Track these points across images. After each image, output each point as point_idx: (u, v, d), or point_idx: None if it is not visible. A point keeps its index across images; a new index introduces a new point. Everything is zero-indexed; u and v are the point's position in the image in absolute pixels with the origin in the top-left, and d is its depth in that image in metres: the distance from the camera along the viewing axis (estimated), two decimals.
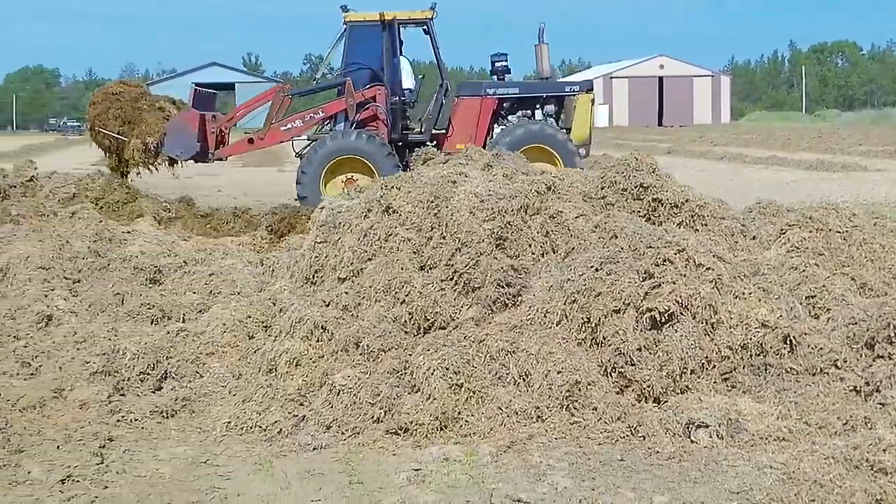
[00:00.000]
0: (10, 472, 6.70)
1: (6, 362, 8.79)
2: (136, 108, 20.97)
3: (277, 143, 21.47)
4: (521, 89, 21.28)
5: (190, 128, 20.41)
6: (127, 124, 20.79)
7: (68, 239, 12.67)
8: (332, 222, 9.66)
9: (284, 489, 6.61)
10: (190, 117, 20.57)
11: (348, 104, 20.45)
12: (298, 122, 21.08)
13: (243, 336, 9.20)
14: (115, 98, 21.21)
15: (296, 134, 21.17)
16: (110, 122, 20.86)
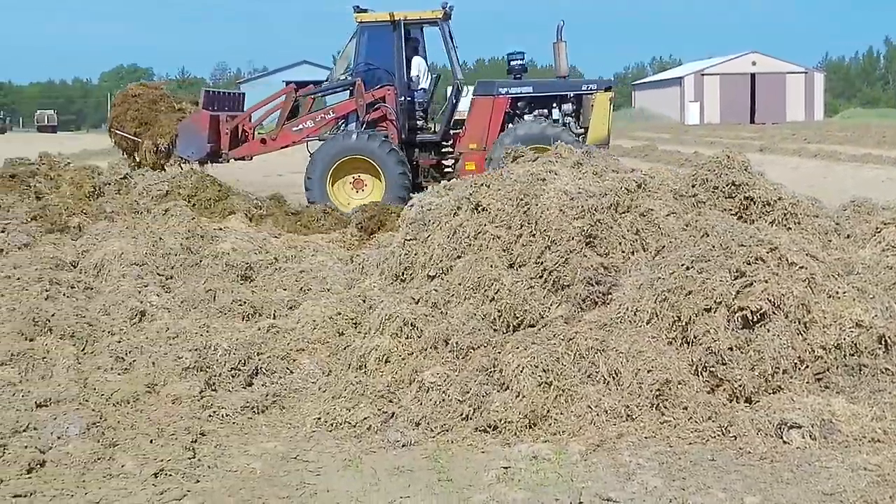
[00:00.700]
0: (105, 465, 6.79)
1: (101, 357, 8.91)
2: (154, 109, 21.67)
3: (290, 143, 21.74)
4: (535, 88, 21.23)
5: (200, 129, 20.93)
6: (143, 126, 21.49)
7: (161, 236, 12.81)
8: (421, 220, 9.67)
9: (373, 485, 6.63)
10: (200, 119, 21.05)
11: (358, 104, 20.71)
12: (310, 122, 21.46)
13: (333, 333, 9.25)
14: (133, 100, 21.97)
15: (307, 135, 21.48)
16: (128, 123, 21.62)
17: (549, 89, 21.42)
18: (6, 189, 15.77)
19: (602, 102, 20.41)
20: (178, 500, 6.36)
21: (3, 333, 8.85)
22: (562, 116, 21.04)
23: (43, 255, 11.59)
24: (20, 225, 13.64)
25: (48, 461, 6.77)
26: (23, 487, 6.40)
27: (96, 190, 16.48)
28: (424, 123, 21.57)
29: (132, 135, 21.65)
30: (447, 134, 21.41)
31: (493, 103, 20.74)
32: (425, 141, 21.30)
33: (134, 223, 14.14)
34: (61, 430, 7.11)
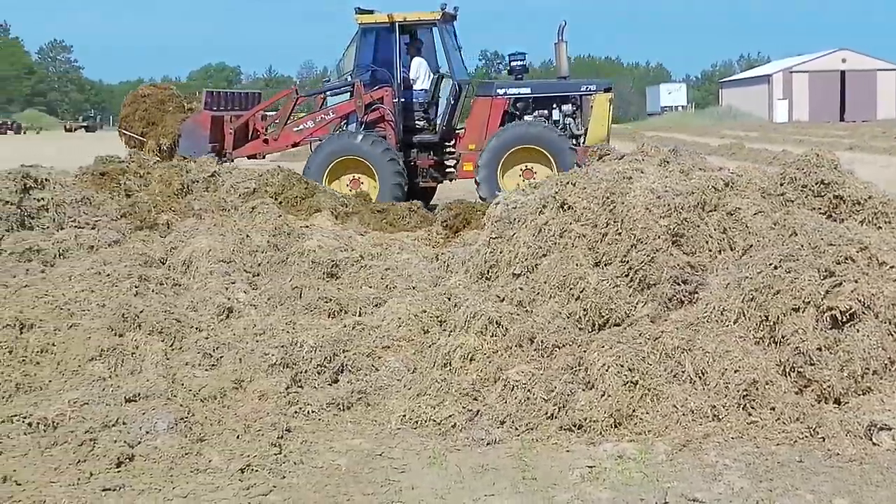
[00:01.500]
0: (192, 460, 6.86)
1: (188, 353, 9.01)
2: (161, 109, 22.23)
3: (291, 143, 22.19)
4: (533, 89, 21.37)
5: (201, 129, 21.41)
6: (150, 125, 22.06)
7: (248, 233, 12.90)
8: (507, 218, 9.66)
9: (458, 483, 6.63)
10: (201, 119, 21.54)
11: (357, 105, 20.97)
12: (310, 123, 21.90)
13: (418, 330, 9.26)
14: (142, 100, 22.57)
15: (308, 135, 21.75)
16: (135, 123, 22.25)
17: (548, 90, 21.65)
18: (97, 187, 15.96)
19: (601, 103, 20.51)
20: (264, 495, 6.42)
21: (94, 329, 8.97)
22: (562, 117, 21.19)
23: (132, 252, 11.73)
24: (110, 222, 13.82)
25: (137, 455, 6.86)
26: (112, 481, 6.49)
27: (185, 187, 16.63)
28: (426, 124, 21.71)
29: (139, 134, 22.18)
30: (448, 134, 21.59)
31: (492, 104, 21.02)
32: (424, 141, 21.52)
33: (222, 220, 14.25)
34: (150, 424, 7.20)
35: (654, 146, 10.40)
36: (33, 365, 8.68)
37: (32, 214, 13.08)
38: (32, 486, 6.42)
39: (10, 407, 7.94)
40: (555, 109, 21.29)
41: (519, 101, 21.23)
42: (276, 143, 22.00)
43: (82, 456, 6.83)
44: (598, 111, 20.44)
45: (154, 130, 22.18)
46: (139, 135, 22.21)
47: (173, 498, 6.36)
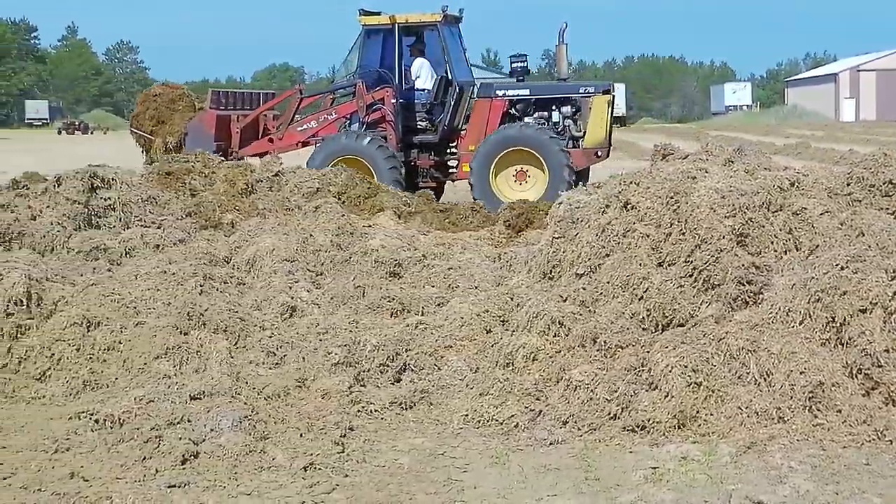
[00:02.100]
0: (256, 457, 6.91)
1: (252, 352, 9.07)
2: (171, 109, 22.62)
3: (295, 143, 22.35)
4: (532, 91, 21.52)
5: (206, 128, 21.82)
6: (160, 124, 22.49)
7: (312, 232, 12.96)
8: (569, 218, 9.63)
9: (520, 483, 6.63)
10: (207, 118, 21.94)
11: (359, 106, 21.28)
12: (313, 123, 22.20)
13: (480, 330, 9.26)
14: (154, 99, 23.05)
15: (311, 135, 22.01)
16: (145, 122, 22.73)
17: (546, 92, 21.88)
18: (162, 186, 16.11)
19: (599, 105, 20.60)
20: (327, 493, 6.44)
21: (159, 327, 9.06)
22: (561, 119, 21.29)
23: (197, 251, 11.83)
24: (176, 221, 13.93)
25: (202, 453, 6.91)
26: (177, 478, 6.55)
27: (249, 187, 16.74)
28: (428, 125, 21.80)
29: (148, 133, 22.61)
30: (451, 135, 21.67)
31: (491, 105, 21.15)
32: (424, 142, 21.66)
33: (285, 220, 14.34)
34: (214, 422, 7.25)
35: (718, 145, 10.33)
36: (100, 362, 8.79)
37: (99, 214, 13.22)
38: (99, 483, 6.50)
39: (78, 404, 8.05)
40: (554, 111, 21.44)
41: (518, 102, 21.40)
42: (281, 143, 22.27)
43: (148, 453, 6.89)
44: (596, 113, 20.55)
45: (162, 129, 22.60)
46: (148, 133, 22.65)
47: (237, 495, 6.40)
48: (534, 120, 21.17)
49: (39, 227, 12.39)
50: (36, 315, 9.20)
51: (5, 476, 6.62)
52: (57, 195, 12.99)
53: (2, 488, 6.40)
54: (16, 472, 6.69)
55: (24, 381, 8.62)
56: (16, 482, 6.50)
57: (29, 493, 6.30)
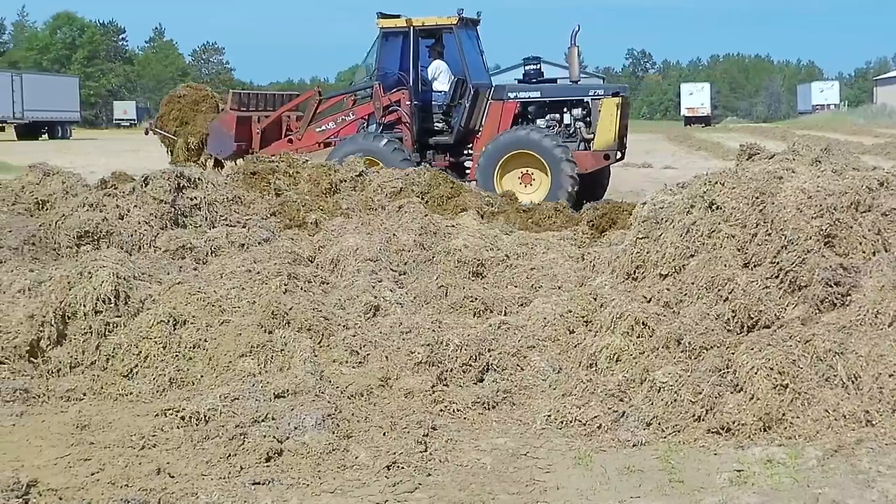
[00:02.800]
0: (339, 456, 6.94)
1: (336, 350, 9.11)
2: (195, 109, 22.99)
3: (313, 144, 22.52)
4: (543, 93, 21.67)
5: (226, 129, 22.18)
6: (183, 125, 22.90)
7: (395, 232, 13.00)
8: (654, 218, 9.57)
9: (603, 484, 6.60)
10: (227, 119, 22.30)
11: (375, 107, 21.59)
12: (332, 124, 22.59)
13: (564, 330, 9.23)
14: (178, 100, 23.44)
15: (330, 135, 22.33)
16: (169, 122, 23.16)
17: (557, 94, 22.04)
18: (247, 186, 16.24)
19: (609, 108, 20.67)
20: (409, 492, 6.46)
21: (244, 326, 9.12)
22: (572, 121, 21.46)
23: (281, 251, 11.89)
24: (260, 221, 14.03)
25: (285, 450, 6.96)
26: (261, 475, 6.60)
27: (333, 187, 16.82)
28: (444, 126, 21.99)
29: (171, 134, 23.03)
30: (467, 137, 21.85)
31: (503, 107, 21.38)
32: (440, 143, 21.85)
33: (369, 219, 14.39)
34: (298, 420, 7.29)
35: (805, 145, 10.21)
36: (186, 360, 8.88)
37: (186, 213, 13.35)
38: (185, 479, 6.57)
39: (164, 401, 8.14)
40: (565, 113, 21.63)
41: (529, 104, 21.64)
42: (300, 143, 22.51)
43: (233, 450, 6.95)
44: (605, 115, 20.66)
45: (185, 130, 22.99)
46: (172, 134, 23.07)
47: (321, 493, 6.44)
48: (545, 122, 21.43)
49: (127, 227, 12.54)
50: (123, 313, 9.31)
51: (94, 472, 6.71)
52: (144, 195, 13.13)
53: (90, 483, 6.48)
54: (104, 467, 6.78)
55: (112, 378, 8.74)
56: (104, 478, 6.58)
57: (116, 489, 6.38)
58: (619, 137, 20.89)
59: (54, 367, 8.88)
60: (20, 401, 8.27)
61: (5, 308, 9.40)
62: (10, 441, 7.43)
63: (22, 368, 8.75)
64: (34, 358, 8.92)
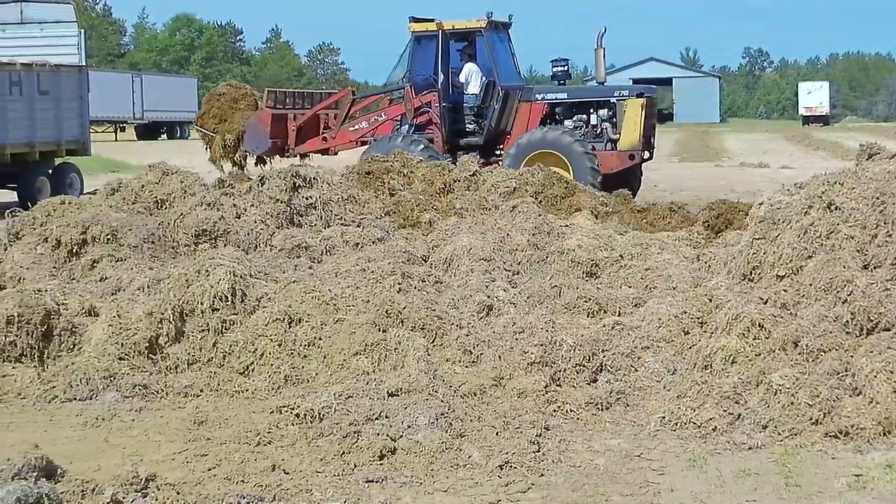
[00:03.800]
0: (452, 455, 6.95)
1: (449, 350, 9.13)
2: (233, 107, 23.46)
3: (346, 142, 23.21)
4: (569, 94, 22.30)
5: (262, 126, 22.69)
6: (222, 122, 23.36)
7: (509, 232, 12.99)
8: (771, 218, 9.46)
9: (718, 487, 6.53)
10: (263, 116, 22.79)
11: (407, 108, 22.16)
12: (364, 123, 23.21)
13: (678, 331, 9.15)
14: (217, 98, 24.03)
15: (363, 135, 22.89)
16: (209, 120, 23.70)
17: (582, 95, 22.88)
18: (362, 185, 16.33)
19: (634, 108, 21.03)
20: (522, 492, 6.46)
21: (359, 324, 9.19)
22: (599, 122, 21.77)
23: (396, 250, 11.95)
24: (375, 220, 14.12)
25: (399, 449, 7.00)
26: (374, 473, 6.64)
27: (447, 186, 16.86)
28: (476, 127, 22.35)
29: (211, 131, 23.49)
30: (497, 138, 22.18)
31: (531, 108, 21.87)
32: (470, 144, 22.13)
33: (482, 219, 14.40)
34: (411, 419, 7.32)
35: None
36: (301, 358, 8.98)
37: (301, 212, 13.48)
38: (300, 476, 6.63)
39: (280, 398, 8.23)
40: (592, 114, 21.92)
41: (556, 105, 22.11)
42: (334, 142, 23.19)
43: (347, 447, 7.01)
44: (630, 116, 21.01)
45: (223, 127, 23.44)
46: (211, 131, 23.55)
47: (434, 492, 6.46)
48: (573, 123, 21.81)
49: (244, 225, 12.70)
50: (240, 311, 9.44)
51: (210, 467, 6.81)
52: (261, 194, 13.29)
53: (207, 479, 6.58)
54: (220, 463, 6.88)
55: (229, 375, 8.88)
56: (220, 473, 6.68)
57: (232, 484, 6.47)
58: (646, 137, 21.34)
59: (172, 364, 9.05)
60: (139, 396, 8.45)
61: (125, 305, 9.59)
62: (129, 436, 7.59)
63: (141, 365, 8.93)
64: (153, 354, 9.09)
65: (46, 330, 9.14)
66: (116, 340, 9.08)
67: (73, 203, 13.05)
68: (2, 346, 8.96)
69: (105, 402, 8.35)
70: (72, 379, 8.64)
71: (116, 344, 9.05)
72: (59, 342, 9.17)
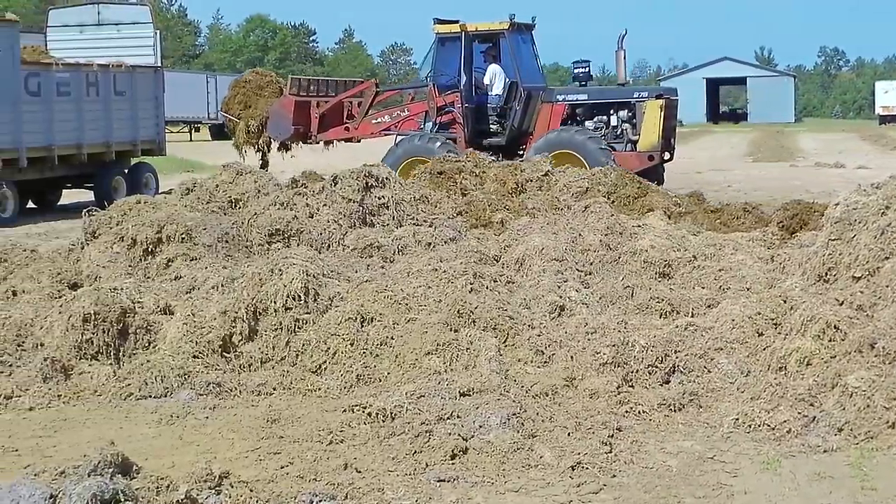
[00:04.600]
0: (524, 455, 6.95)
1: (521, 350, 9.13)
2: (258, 94, 24.11)
3: (368, 134, 23.93)
4: (590, 96, 22.75)
5: (285, 112, 23.31)
6: (246, 109, 24.00)
7: (581, 232, 12.96)
8: (846, 219, 9.35)
9: (793, 490, 6.47)
10: (286, 103, 23.41)
11: (429, 106, 22.72)
12: (387, 117, 23.89)
13: (752, 333, 9.07)
14: (243, 85, 24.71)
15: (384, 128, 23.64)
16: (234, 107, 24.34)
17: (603, 97, 23.20)
18: (434, 185, 16.38)
19: (652, 110, 21.46)
20: (594, 493, 6.44)
21: (430, 324, 9.21)
22: (619, 123, 22.14)
23: (468, 250, 11.96)
24: (447, 220, 14.14)
25: (470, 448, 7.00)
26: (446, 472, 6.65)
27: (519, 186, 16.85)
28: (499, 128, 22.78)
29: (236, 117, 24.15)
30: (519, 138, 22.62)
31: (552, 109, 22.31)
32: (493, 144, 22.51)
33: (554, 219, 14.37)
34: (483, 419, 7.33)
35: None
36: (373, 357, 9.02)
37: (373, 212, 13.52)
38: (371, 475, 6.66)
39: (352, 397, 8.28)
40: (612, 115, 22.30)
41: (577, 106, 22.53)
42: (356, 132, 23.87)
43: (418, 447, 7.02)
44: (649, 117, 21.46)
45: (246, 113, 24.01)
46: (236, 117, 24.18)
47: (505, 492, 6.46)
48: (593, 124, 22.18)
49: (316, 225, 12.76)
50: (313, 310, 9.49)
51: (283, 465, 6.86)
52: (333, 194, 13.34)
53: (280, 476, 6.63)
54: (292, 461, 6.93)
55: (302, 373, 8.93)
56: (293, 471, 6.72)
57: (305, 483, 6.51)
58: (666, 139, 21.71)
59: (246, 362, 9.12)
60: (213, 394, 8.53)
61: (199, 304, 9.69)
62: (203, 433, 7.66)
63: (215, 363, 9.01)
64: (227, 353, 9.17)
65: (122, 328, 9.25)
66: (191, 338, 9.18)
67: (148, 202, 13.19)
68: (78, 344, 9.07)
69: (179, 399, 8.44)
70: (147, 377, 8.73)
71: (191, 342, 9.15)
72: (134, 340, 9.27)
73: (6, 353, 9.16)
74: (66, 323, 9.17)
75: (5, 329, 9.41)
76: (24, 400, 8.44)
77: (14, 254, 12.44)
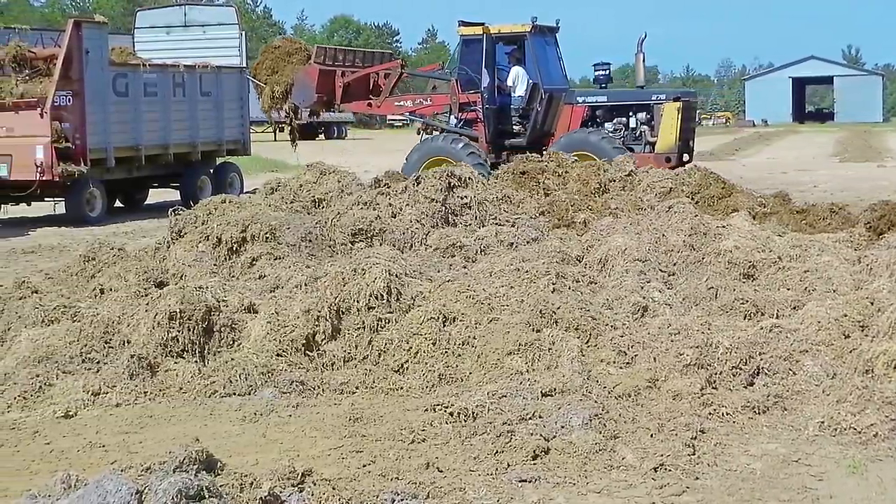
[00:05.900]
0: (606, 456, 6.92)
1: (604, 350, 9.10)
2: (286, 61, 24.55)
3: (389, 113, 25.83)
4: (609, 98, 23.14)
5: (309, 80, 23.81)
6: (273, 74, 24.47)
7: (664, 232, 12.87)
8: None
9: (880, 495, 6.39)
10: (310, 71, 23.91)
11: (451, 101, 23.30)
12: (409, 102, 24.82)
13: (838, 335, 8.96)
14: (272, 51, 25.21)
15: (405, 111, 24.88)
16: (262, 72, 24.87)
17: (621, 99, 23.62)
18: (516, 185, 16.38)
19: (670, 112, 21.91)
20: (677, 495, 6.40)
21: (513, 324, 9.21)
22: (637, 124, 22.58)
23: (550, 250, 11.93)
24: (529, 220, 14.13)
25: (552, 449, 6.99)
26: (528, 473, 6.64)
27: (602, 186, 16.79)
28: (521, 129, 23.26)
29: (262, 82, 24.71)
30: (541, 139, 22.95)
31: (572, 111, 22.84)
32: (514, 144, 22.93)
33: (638, 219, 14.29)
34: (565, 419, 7.31)
35: None
36: (455, 357, 9.03)
37: (456, 212, 13.55)
38: (453, 474, 6.67)
39: (434, 396, 8.29)
40: (631, 117, 22.77)
41: (597, 108, 23.03)
42: (378, 109, 24.93)
43: (500, 447, 7.02)
44: (666, 119, 21.93)
45: (272, 79, 24.48)
46: (262, 82, 24.72)
47: (587, 493, 6.44)
48: (612, 125, 22.69)
49: (399, 225, 12.83)
50: (395, 309, 9.53)
51: (365, 464, 6.89)
52: (416, 193, 13.40)
53: (362, 475, 6.66)
54: (375, 460, 6.96)
55: (384, 372, 8.97)
56: (375, 470, 6.75)
57: (387, 481, 6.53)
58: (683, 141, 22.15)
59: (328, 361, 9.18)
60: (296, 392, 8.59)
61: (283, 302, 9.77)
62: (286, 431, 7.72)
63: (298, 361, 9.08)
64: (310, 351, 9.23)
65: (207, 326, 9.33)
66: (274, 337, 9.25)
67: (233, 202, 13.34)
68: (164, 342, 9.17)
69: (263, 397, 8.50)
70: (231, 374, 8.82)
71: (274, 340, 9.22)
72: (219, 338, 9.35)
73: (94, 351, 9.28)
74: (152, 321, 9.28)
75: (93, 326, 9.53)
76: (111, 396, 8.55)
77: (102, 252, 12.60)
